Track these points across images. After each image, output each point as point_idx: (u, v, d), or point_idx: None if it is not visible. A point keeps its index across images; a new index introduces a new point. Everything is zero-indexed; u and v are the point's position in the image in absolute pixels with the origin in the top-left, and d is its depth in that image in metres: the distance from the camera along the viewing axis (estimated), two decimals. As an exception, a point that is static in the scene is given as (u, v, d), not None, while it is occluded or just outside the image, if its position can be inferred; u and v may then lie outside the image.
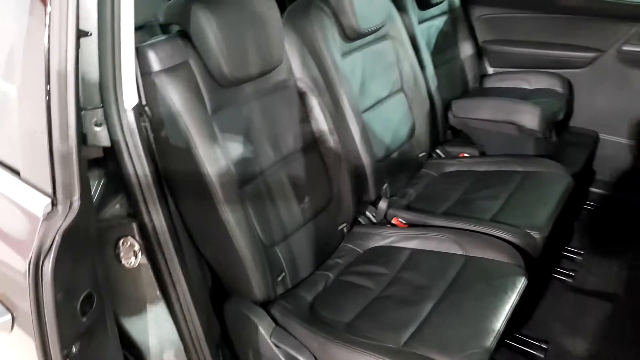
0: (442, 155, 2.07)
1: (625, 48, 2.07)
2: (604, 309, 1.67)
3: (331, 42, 1.57)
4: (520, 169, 1.77)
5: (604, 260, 1.89)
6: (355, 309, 1.27)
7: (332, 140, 1.49)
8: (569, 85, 2.19)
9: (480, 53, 2.43)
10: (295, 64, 1.44)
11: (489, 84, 2.36)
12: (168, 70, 1.11)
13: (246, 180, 1.26)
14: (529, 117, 1.84)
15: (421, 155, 1.95)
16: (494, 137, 1.98)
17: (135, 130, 1.02)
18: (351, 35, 1.64)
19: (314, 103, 1.46)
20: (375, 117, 1.76)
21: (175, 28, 1.22)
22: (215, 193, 1.15)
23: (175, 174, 1.15)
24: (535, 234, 1.39)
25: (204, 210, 1.18)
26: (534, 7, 2.26)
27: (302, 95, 1.45)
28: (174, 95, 1.10)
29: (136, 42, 0.99)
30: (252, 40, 1.22)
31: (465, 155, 2.03)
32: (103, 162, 1.05)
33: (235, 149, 1.25)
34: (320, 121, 1.48)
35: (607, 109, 2.15)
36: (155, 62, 1.09)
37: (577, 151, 2.02)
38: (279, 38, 1.31)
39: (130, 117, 1.02)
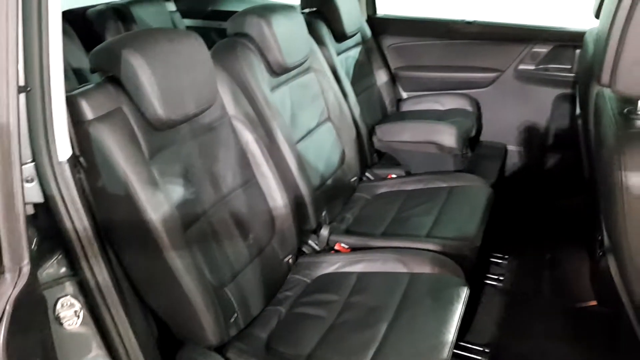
0: (372, 178, 2.15)
1: (521, 67, 2.31)
2: (535, 308, 1.80)
3: (260, 78, 1.60)
4: (444, 184, 1.89)
5: (526, 261, 2.05)
6: (313, 340, 1.26)
7: (269, 174, 1.50)
8: (477, 104, 2.39)
9: (394, 79, 2.58)
10: (227, 101, 1.44)
11: (405, 107, 2.51)
12: (101, 118, 1.06)
13: (190, 222, 1.23)
14: (447, 137, 1.98)
15: (353, 179, 2.01)
16: (417, 157, 2.09)
17: (71, 183, 0.98)
18: (278, 70, 1.68)
19: (250, 138, 1.47)
20: (308, 147, 1.80)
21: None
22: (160, 239, 1.11)
23: (116, 224, 1.10)
24: (468, 245, 1.49)
25: (149, 258, 1.13)
26: (438, 35, 2.46)
27: (237, 132, 1.45)
28: (110, 144, 1.06)
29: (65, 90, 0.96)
30: (184, 81, 1.21)
31: (393, 176, 2.13)
32: (34, 220, 0.99)
33: (177, 191, 1.22)
34: (257, 155, 1.48)
35: (511, 123, 2.38)
36: (87, 110, 1.05)
37: (490, 163, 2.19)
38: (211, 77, 1.31)
39: (65, 170, 0.97)
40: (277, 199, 1.51)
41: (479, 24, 2.40)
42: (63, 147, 0.98)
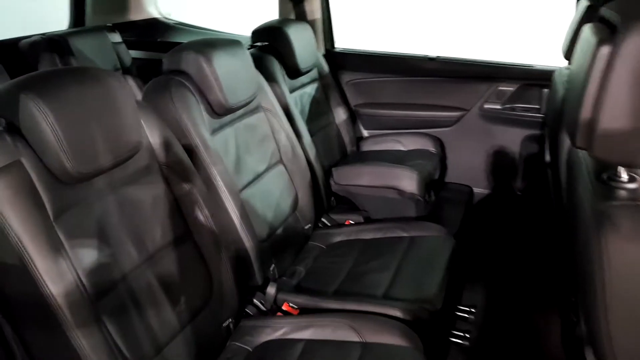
0: (328, 224, 2.05)
1: (486, 106, 2.28)
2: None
3: (197, 120, 1.49)
4: (404, 234, 1.80)
5: (494, 315, 1.96)
6: None
7: (207, 227, 1.38)
8: (440, 144, 2.34)
9: (353, 117, 2.52)
10: (157, 148, 1.32)
11: (366, 147, 2.44)
12: (-11, 177, 0.93)
13: (103, 292, 1.09)
14: (408, 182, 1.91)
15: (307, 227, 1.90)
16: (377, 202, 2.01)
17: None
18: (219, 111, 1.58)
19: (183, 189, 1.35)
20: (255, 194, 1.69)
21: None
22: (61, 316, 0.96)
23: (11, 298, 0.95)
24: (428, 308, 1.38)
25: (50, 338, 0.98)
26: (399, 71, 2.42)
27: (168, 181, 1.33)
28: (0, 205, 0.92)
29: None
30: (99, 128, 1.08)
31: (351, 222, 2.03)
32: None
33: (88, 256, 1.08)
34: (192, 208, 1.36)
35: (477, 164, 2.33)
36: (-29, 167, 0.91)
37: (455, 208, 2.13)
38: (134, 122, 1.19)
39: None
40: (216, 256, 1.38)
41: (441, 60, 2.37)
42: None
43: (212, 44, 1.60)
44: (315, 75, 2.35)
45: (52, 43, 2.21)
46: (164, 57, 1.58)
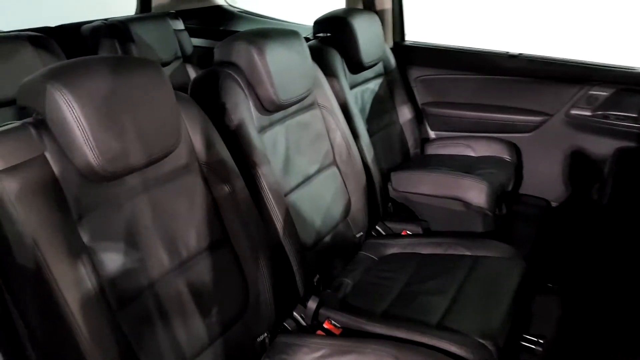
0: (383, 233, 1.91)
1: (573, 112, 2.04)
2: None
3: (245, 117, 1.40)
4: (467, 252, 1.63)
5: (569, 349, 1.74)
6: None
7: (246, 232, 1.29)
8: (516, 151, 2.12)
9: (420, 116, 2.35)
10: (199, 145, 1.25)
11: (431, 150, 2.27)
12: (11, 170, 0.88)
13: (126, 300, 1.03)
14: (476, 193, 1.73)
15: (359, 235, 1.78)
16: (438, 213, 1.85)
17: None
18: (270, 108, 1.48)
19: (224, 190, 1.27)
20: (303, 197, 1.58)
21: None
22: (75, 327, 0.91)
23: (26, 305, 0.91)
24: (489, 345, 1.22)
25: (63, 349, 0.93)
26: (475, 69, 2.22)
27: (207, 182, 1.26)
28: (18, 203, 0.88)
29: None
30: (132, 123, 1.02)
31: (408, 233, 1.88)
32: None
33: (112, 260, 1.02)
34: (231, 211, 1.28)
35: (557, 176, 2.09)
36: (-8, 160, 0.87)
37: (528, 225, 1.92)
38: (172, 117, 1.12)
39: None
40: (254, 264, 1.30)
41: (524, 58, 2.15)
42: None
43: (266, 34, 1.51)
44: (380, 70, 2.21)
45: (113, 29, 2.22)
46: (216, 47, 1.51)
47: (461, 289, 1.46)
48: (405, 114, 2.28)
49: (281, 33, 1.56)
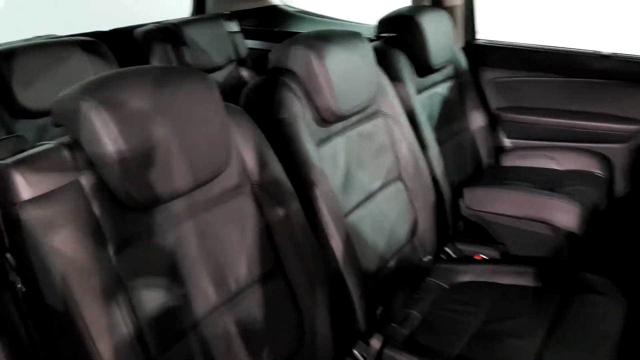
0: (454, 256, 1.74)
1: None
2: None
3: (302, 131, 1.28)
4: (558, 286, 1.43)
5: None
6: None
7: (302, 260, 1.17)
8: (608, 165, 1.89)
9: (494, 123, 2.15)
10: (251, 164, 1.13)
11: (508, 161, 2.07)
12: (40, 200, 0.80)
13: (169, 343, 0.93)
14: (564, 215, 1.53)
15: (426, 259, 1.62)
16: (520, 236, 1.66)
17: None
18: (329, 118, 1.36)
19: (277, 214, 1.15)
20: (365, 217, 1.45)
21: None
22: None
23: (57, 353, 0.82)
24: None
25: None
26: (558, 70, 2.00)
27: (260, 205, 1.14)
28: (46, 235, 0.79)
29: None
30: (176, 143, 0.92)
31: (483, 257, 1.70)
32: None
33: (154, 299, 0.92)
34: (286, 236, 1.16)
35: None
36: (22, 187, 0.79)
37: (627, 254, 1.68)
38: (223, 134, 1.01)
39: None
40: (310, 295, 1.18)
41: (618, 58, 1.91)
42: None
43: (325, 36, 1.38)
44: (450, 73, 2.03)
45: (165, 32, 2.16)
46: (271, 51, 1.39)
47: (552, 331, 1.27)
48: (477, 120, 2.09)
49: (342, 35, 1.43)
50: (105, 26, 2.28)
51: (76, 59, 1.79)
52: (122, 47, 2.13)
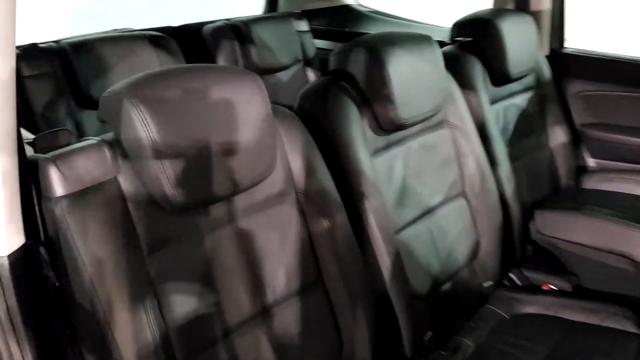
0: (518, 283, 1.63)
1: None
2: None
3: (356, 139, 1.23)
4: (634, 329, 1.29)
5: None
6: None
7: (345, 276, 1.13)
8: None
9: (577, 140, 2.00)
10: (298, 171, 1.10)
11: (590, 183, 1.91)
12: (77, 196, 0.81)
13: (197, 352, 0.92)
14: (650, 251, 1.38)
15: (486, 285, 1.53)
16: (595, 269, 1.52)
17: (11, 292, 0.73)
18: (387, 127, 1.30)
19: (322, 225, 1.11)
20: (420, 235, 1.38)
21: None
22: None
23: (82, 351, 0.83)
24: None
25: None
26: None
27: (304, 214, 1.11)
28: (79, 233, 0.79)
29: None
30: (219, 147, 0.90)
31: (552, 287, 1.58)
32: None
33: (184, 304, 0.91)
34: (329, 249, 1.12)
35: None
36: (57, 183, 0.80)
37: None
38: (268, 139, 0.99)
39: (3, 269, 0.73)
40: (350, 312, 1.13)
41: None
42: (5, 235, 0.74)
43: (391, 39, 1.33)
44: (530, 83, 1.91)
45: (234, 30, 2.19)
46: (332, 53, 1.36)
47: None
48: (557, 136, 1.95)
49: (410, 38, 1.37)
50: (184, 21, 2.34)
51: (144, 53, 1.85)
52: (190, 43, 2.18)
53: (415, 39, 1.37)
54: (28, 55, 1.68)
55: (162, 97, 0.85)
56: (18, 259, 0.75)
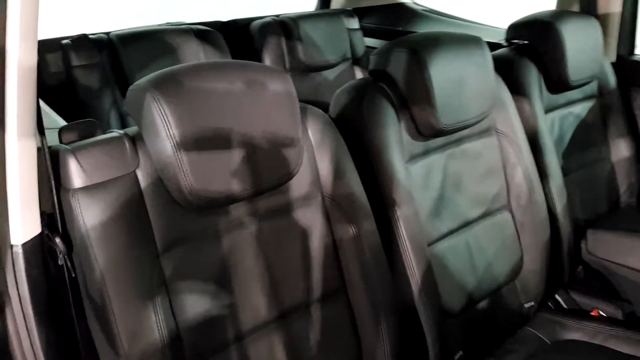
0: (564, 306, 1.54)
1: None
2: None
3: (391, 143, 1.19)
4: (691, 368, 1.19)
5: None
6: None
7: (369, 286, 1.09)
8: None
9: (641, 155, 1.87)
10: (325, 174, 1.08)
11: (654, 203, 1.78)
12: (94, 189, 0.81)
13: (208, 354, 0.91)
14: None
15: (528, 305, 1.45)
16: (652, 298, 1.41)
17: (24, 280, 0.75)
18: (426, 133, 1.25)
19: (348, 232, 1.08)
20: (455, 249, 1.32)
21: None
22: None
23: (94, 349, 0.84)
24: None
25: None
26: None
27: (330, 219, 1.08)
28: (94, 227, 0.80)
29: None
30: (240, 145, 0.89)
31: (601, 313, 1.48)
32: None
33: (197, 304, 0.91)
34: (354, 258, 1.09)
35: None
36: (75, 175, 0.81)
37: None
38: (293, 142, 0.96)
39: (18, 259, 0.75)
40: (373, 325, 1.10)
41: None
42: (21, 224, 0.76)
43: (436, 40, 1.28)
44: (592, 91, 1.79)
45: (282, 26, 2.19)
46: (373, 53, 1.33)
47: None
48: (620, 149, 1.83)
49: (456, 39, 1.31)
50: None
51: (190, 47, 1.88)
52: (238, 38, 2.20)
53: (462, 40, 1.32)
54: (77, 45, 1.74)
55: (185, 92, 0.84)
56: (33, 248, 0.77)
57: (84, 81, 1.74)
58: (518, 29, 1.72)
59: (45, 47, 1.75)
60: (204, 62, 0.93)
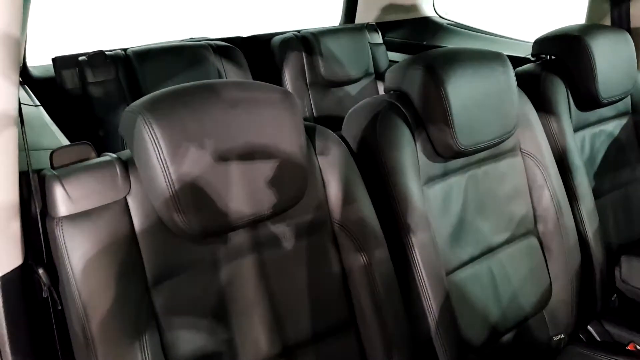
0: (597, 338, 1.41)
1: None
2: None
3: (406, 164, 1.10)
4: None
5: None
6: None
7: (380, 319, 1.00)
8: None
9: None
10: (334, 198, 1.00)
11: (694, 228, 1.63)
12: (79, 218, 0.75)
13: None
14: None
15: (557, 337, 1.33)
16: (694, 333, 1.27)
17: (1, 317, 0.69)
18: (445, 154, 1.16)
19: (358, 260, 1.00)
20: (477, 278, 1.22)
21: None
22: None
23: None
24: None
25: None
26: None
27: (338, 247, 1.00)
28: (78, 259, 0.74)
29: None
30: (238, 171, 0.82)
31: (637, 347, 1.34)
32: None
33: (189, 342, 0.83)
34: (364, 288, 1.00)
35: None
36: (61, 202, 0.75)
37: None
38: (297, 165, 0.89)
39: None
40: (383, 357, 1.00)
41: None
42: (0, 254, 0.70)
43: (455, 57, 1.18)
44: (625, 108, 1.67)
45: (303, 41, 2.12)
46: (388, 70, 1.24)
47: None
48: (657, 169, 1.69)
49: (476, 56, 1.22)
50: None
51: (207, 63, 1.83)
52: (259, 54, 2.14)
53: (483, 56, 1.22)
54: (94, 61, 1.71)
55: (179, 115, 0.78)
56: (12, 280, 0.71)
57: (100, 97, 1.70)
58: (544, 44, 1.61)
59: (62, 64, 1.73)
60: (201, 82, 0.85)
